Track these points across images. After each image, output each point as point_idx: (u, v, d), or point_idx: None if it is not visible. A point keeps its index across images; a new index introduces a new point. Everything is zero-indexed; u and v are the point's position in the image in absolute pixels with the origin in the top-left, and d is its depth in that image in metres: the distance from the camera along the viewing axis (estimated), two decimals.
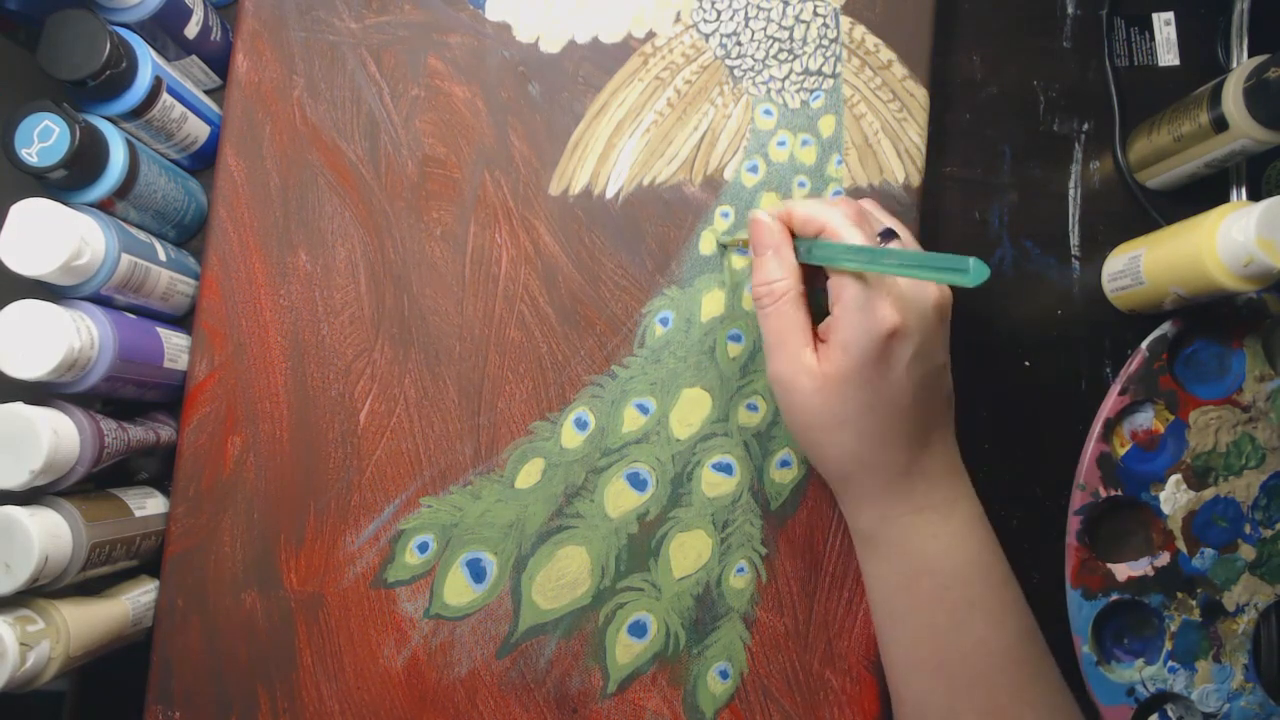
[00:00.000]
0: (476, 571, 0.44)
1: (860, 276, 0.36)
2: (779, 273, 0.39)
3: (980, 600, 0.38)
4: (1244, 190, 0.53)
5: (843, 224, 0.37)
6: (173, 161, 0.47)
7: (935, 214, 0.52)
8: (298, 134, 0.46)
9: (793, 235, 0.40)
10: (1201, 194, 0.52)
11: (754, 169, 0.47)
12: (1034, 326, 0.52)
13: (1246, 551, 0.49)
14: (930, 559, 0.38)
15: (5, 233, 0.37)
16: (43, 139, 0.38)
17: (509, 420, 0.45)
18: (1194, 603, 0.49)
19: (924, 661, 0.39)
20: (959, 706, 0.38)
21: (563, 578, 0.44)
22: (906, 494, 0.38)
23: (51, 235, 0.37)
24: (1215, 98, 0.47)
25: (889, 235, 0.39)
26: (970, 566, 0.39)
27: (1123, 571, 0.49)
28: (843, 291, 0.37)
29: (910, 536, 0.39)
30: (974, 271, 0.31)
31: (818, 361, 0.37)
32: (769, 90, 0.47)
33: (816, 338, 0.38)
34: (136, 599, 0.42)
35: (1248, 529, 0.49)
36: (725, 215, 0.46)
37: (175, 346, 0.44)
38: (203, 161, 0.49)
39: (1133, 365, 0.50)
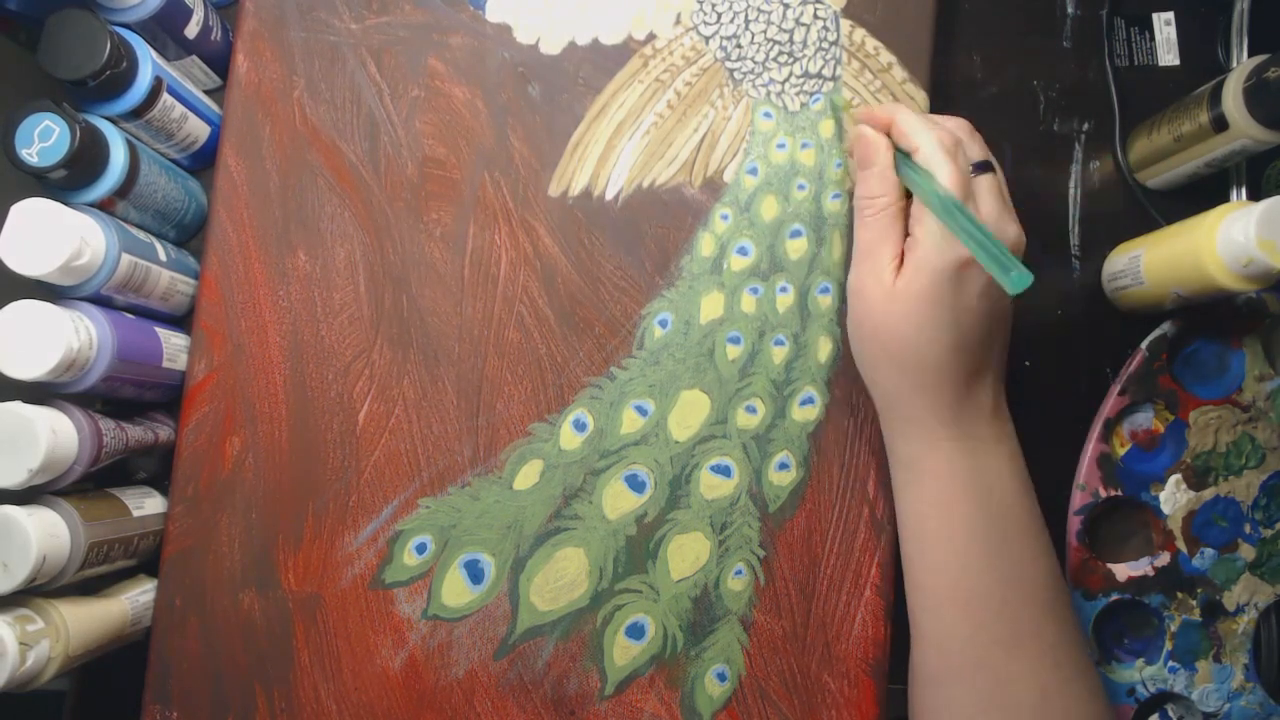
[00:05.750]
0: (474, 573, 0.44)
1: None
2: (880, 189, 0.40)
3: (1015, 537, 0.39)
4: (1244, 190, 0.53)
5: (934, 153, 0.39)
6: (173, 161, 0.47)
7: None
8: (298, 134, 0.46)
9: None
10: (1201, 194, 0.52)
11: (754, 171, 0.47)
12: (1034, 326, 0.52)
13: (1246, 551, 0.49)
14: (970, 489, 0.39)
15: (5, 233, 0.37)
16: (43, 139, 0.38)
17: (508, 421, 0.45)
18: (1194, 603, 0.49)
19: (952, 590, 0.39)
20: (980, 637, 0.38)
21: (561, 579, 0.44)
22: (955, 422, 0.39)
23: (51, 235, 0.37)
24: (1215, 98, 0.47)
25: (982, 168, 0.40)
26: (1008, 502, 0.39)
27: (1123, 571, 0.49)
28: (925, 215, 0.38)
29: (953, 464, 0.39)
30: (1015, 280, 0.34)
31: (894, 279, 0.39)
32: (769, 93, 0.47)
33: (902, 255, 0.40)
34: (136, 598, 0.42)
35: (1248, 529, 0.49)
36: (725, 218, 0.46)
37: (174, 346, 0.44)
38: (203, 161, 0.49)
39: (1133, 365, 0.50)
